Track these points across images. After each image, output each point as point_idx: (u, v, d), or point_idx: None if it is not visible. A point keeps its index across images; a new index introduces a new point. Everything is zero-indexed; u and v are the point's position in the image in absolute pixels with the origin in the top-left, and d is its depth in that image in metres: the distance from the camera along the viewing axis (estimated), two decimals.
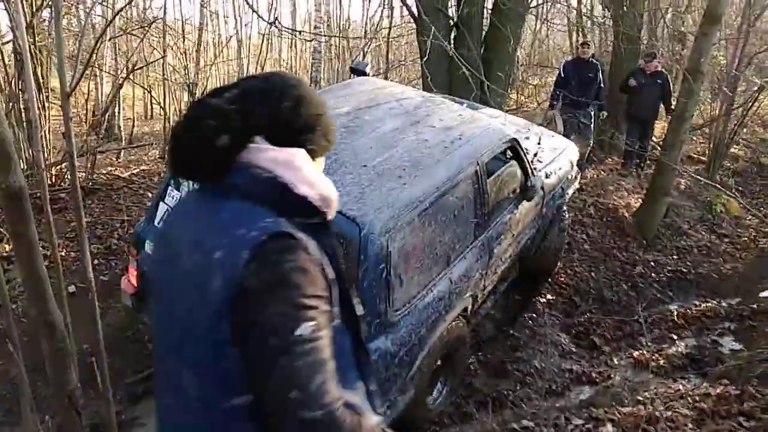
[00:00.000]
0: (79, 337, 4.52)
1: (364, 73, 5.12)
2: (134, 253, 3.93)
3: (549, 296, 5.63)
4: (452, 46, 6.41)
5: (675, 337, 5.09)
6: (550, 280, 5.80)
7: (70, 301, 4.89)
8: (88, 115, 9.32)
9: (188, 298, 1.35)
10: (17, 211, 1.62)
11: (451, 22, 7.45)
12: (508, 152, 4.73)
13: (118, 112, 10.09)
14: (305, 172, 1.47)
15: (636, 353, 4.90)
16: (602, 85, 8.60)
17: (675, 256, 6.73)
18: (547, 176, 5.15)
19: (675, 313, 5.58)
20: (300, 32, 8.29)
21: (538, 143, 5.43)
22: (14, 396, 4.20)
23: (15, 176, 1.55)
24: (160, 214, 3.83)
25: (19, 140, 6.61)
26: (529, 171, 4.82)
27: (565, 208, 5.78)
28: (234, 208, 1.37)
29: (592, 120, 8.62)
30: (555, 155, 5.56)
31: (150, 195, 6.35)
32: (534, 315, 5.35)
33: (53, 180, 6.59)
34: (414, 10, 7.20)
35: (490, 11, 7.99)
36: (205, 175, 1.42)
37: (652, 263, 6.46)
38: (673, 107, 7.92)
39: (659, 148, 7.72)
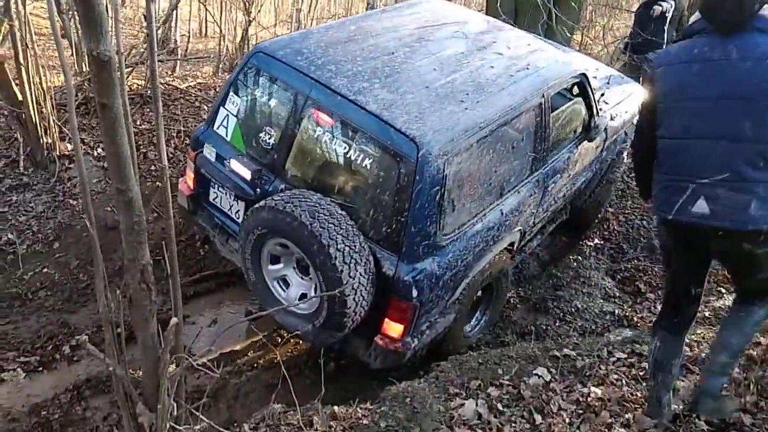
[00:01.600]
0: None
1: None
2: (192, 156, 3.88)
3: (597, 240, 5.41)
4: None
5: (723, 290, 4.83)
6: (600, 224, 5.55)
7: None
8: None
9: (745, 87, 2.32)
10: (106, 81, 1.57)
11: None
12: (575, 88, 4.43)
13: (175, 26, 9.93)
14: None
15: None
16: (669, 25, 7.78)
17: None
18: (611, 118, 4.83)
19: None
20: None
21: (607, 83, 5.09)
22: (72, 285, 4.38)
23: (105, 45, 1.50)
24: (219, 119, 3.77)
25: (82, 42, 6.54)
26: (595, 110, 4.52)
27: (625, 154, 5.44)
28: (760, 37, 2.33)
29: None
30: (622, 97, 5.19)
31: (205, 107, 6.33)
32: (579, 258, 5.17)
33: None
34: None
35: None
36: (737, 22, 2.37)
37: None
38: None
39: None
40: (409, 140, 3.13)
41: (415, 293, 3.20)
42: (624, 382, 3.13)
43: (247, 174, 3.60)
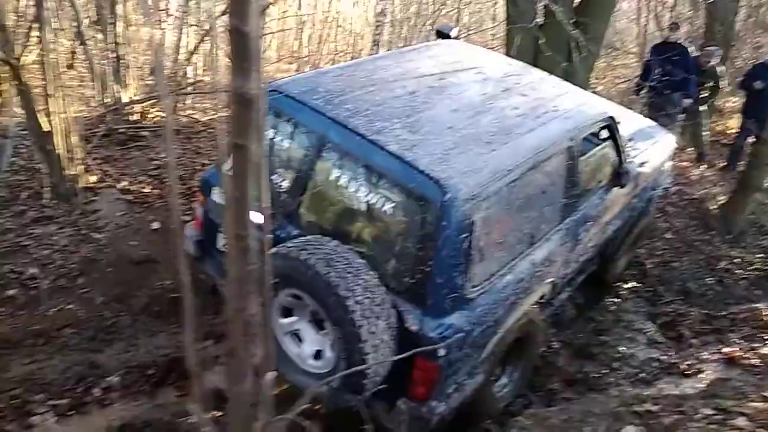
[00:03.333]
0: (161, 271, 4.31)
1: (449, 37, 4.55)
2: (202, 200, 3.53)
3: (632, 283, 4.99)
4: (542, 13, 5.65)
5: (766, 336, 4.41)
6: (635, 267, 5.15)
7: (153, 237, 4.76)
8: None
9: None
10: (246, 121, 1.38)
11: None
12: (603, 132, 4.03)
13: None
14: None
15: (726, 349, 4.27)
16: (692, 71, 7.43)
17: (761, 255, 5.88)
18: (640, 165, 4.37)
19: (765, 312, 4.84)
20: None
21: (632, 127, 4.67)
22: (98, 323, 4.03)
23: (252, 83, 1.31)
24: (230, 161, 3.38)
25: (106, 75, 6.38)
26: (623, 155, 4.09)
27: (654, 204, 4.97)
28: None
29: (678, 109, 7.57)
30: (649, 143, 4.75)
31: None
32: (617, 300, 4.76)
33: (137, 117, 6.35)
34: None
35: None
36: None
37: (737, 260, 5.63)
38: None
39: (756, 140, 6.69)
40: (434, 182, 2.74)
41: (442, 351, 2.73)
42: None
43: (257, 219, 3.24)
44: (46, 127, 4.66)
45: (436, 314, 2.76)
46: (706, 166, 7.65)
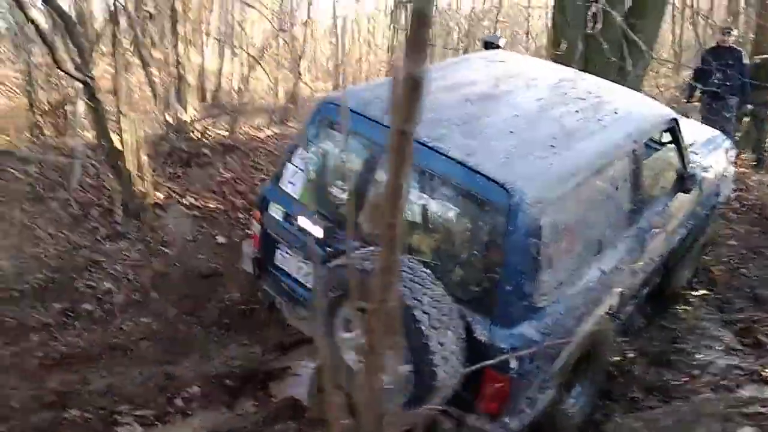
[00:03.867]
0: (228, 284, 4.36)
1: (497, 47, 4.46)
2: (258, 217, 3.46)
3: (702, 291, 4.70)
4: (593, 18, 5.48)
5: None
6: (703, 274, 4.87)
7: (219, 250, 4.84)
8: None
9: None
10: (414, 103, 1.28)
11: None
12: (666, 135, 3.81)
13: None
14: None
15: None
16: (747, 75, 6.92)
17: None
18: (704, 170, 4.12)
19: None
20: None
21: (693, 132, 4.40)
22: (172, 335, 4.09)
23: (421, 68, 1.25)
24: (287, 176, 3.33)
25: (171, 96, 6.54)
26: (687, 159, 3.85)
27: (717, 211, 4.66)
28: None
29: (734, 114, 7.17)
30: (711, 148, 4.50)
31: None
32: (687, 308, 4.49)
33: (198, 136, 6.48)
34: None
35: None
36: None
37: None
38: None
39: None
40: (499, 186, 2.61)
41: (513, 363, 2.57)
42: None
43: (317, 232, 3.13)
44: (118, 145, 4.77)
45: (506, 324, 2.60)
46: (765, 171, 7.28)
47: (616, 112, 3.42)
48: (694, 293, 4.63)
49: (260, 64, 8.72)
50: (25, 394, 3.45)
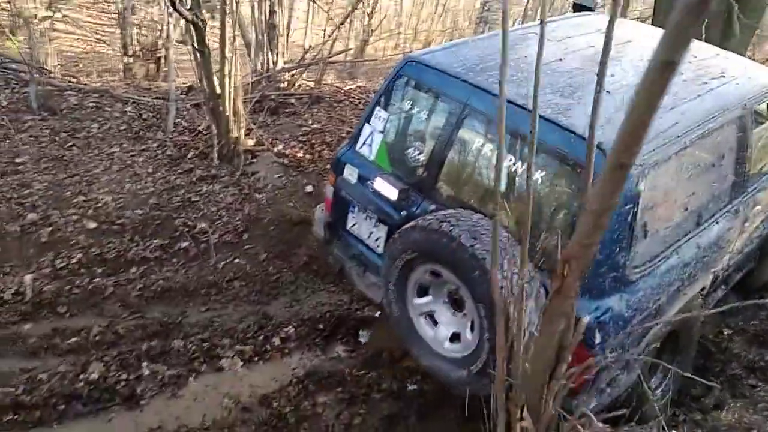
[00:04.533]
0: (307, 230, 4.17)
1: (590, 10, 4.09)
2: (332, 180, 3.32)
3: None
4: None
5: None
6: None
7: (308, 200, 4.66)
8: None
9: None
10: (683, 34, 1.14)
11: None
12: None
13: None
14: None
15: None
16: None
17: None
18: None
19: None
20: None
21: None
22: (264, 277, 4.16)
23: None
24: (363, 137, 3.19)
25: (263, 44, 6.48)
26: None
27: None
28: None
29: None
30: None
31: None
32: None
33: (286, 85, 6.42)
34: None
35: None
36: None
37: None
38: None
39: None
40: (595, 147, 2.49)
41: (598, 338, 2.39)
42: None
43: (392, 194, 2.99)
44: (218, 89, 4.73)
45: (593, 295, 2.41)
46: None
47: (723, 76, 3.08)
48: None
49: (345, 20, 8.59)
50: (130, 323, 3.65)
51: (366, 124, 3.21)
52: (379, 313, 3.68)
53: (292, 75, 6.47)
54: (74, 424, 3.01)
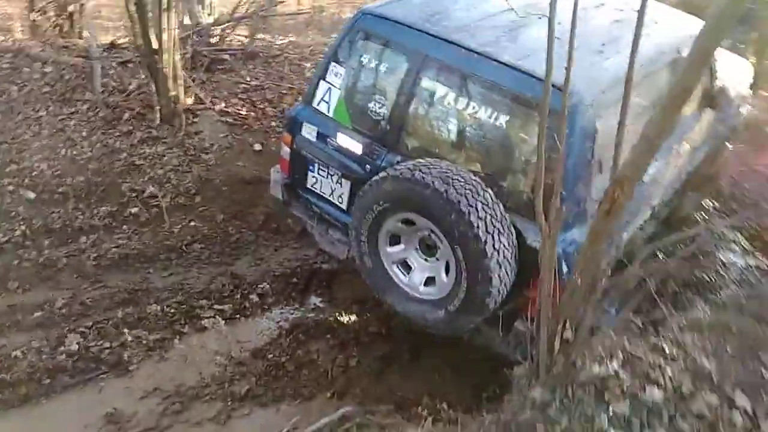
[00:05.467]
0: (262, 189, 4.16)
1: None
2: (288, 140, 3.22)
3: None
4: None
5: None
6: None
7: (257, 158, 4.51)
8: None
9: None
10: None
11: None
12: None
13: None
14: None
15: None
16: None
17: None
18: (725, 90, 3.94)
19: None
20: None
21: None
22: (223, 238, 4.05)
23: None
24: (319, 94, 3.11)
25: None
26: (716, 75, 3.77)
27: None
28: None
29: None
30: (732, 68, 4.31)
31: (306, 65, 5.75)
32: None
33: (218, 41, 6.06)
34: None
35: None
36: None
37: None
38: None
39: None
40: (554, 89, 2.44)
41: (565, 268, 2.51)
42: None
43: (357, 148, 2.96)
44: (155, 44, 4.40)
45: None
46: None
47: (656, 23, 3.23)
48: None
49: None
50: (94, 293, 3.48)
51: (321, 80, 3.11)
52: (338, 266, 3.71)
53: (223, 30, 6.11)
54: (64, 396, 2.90)
